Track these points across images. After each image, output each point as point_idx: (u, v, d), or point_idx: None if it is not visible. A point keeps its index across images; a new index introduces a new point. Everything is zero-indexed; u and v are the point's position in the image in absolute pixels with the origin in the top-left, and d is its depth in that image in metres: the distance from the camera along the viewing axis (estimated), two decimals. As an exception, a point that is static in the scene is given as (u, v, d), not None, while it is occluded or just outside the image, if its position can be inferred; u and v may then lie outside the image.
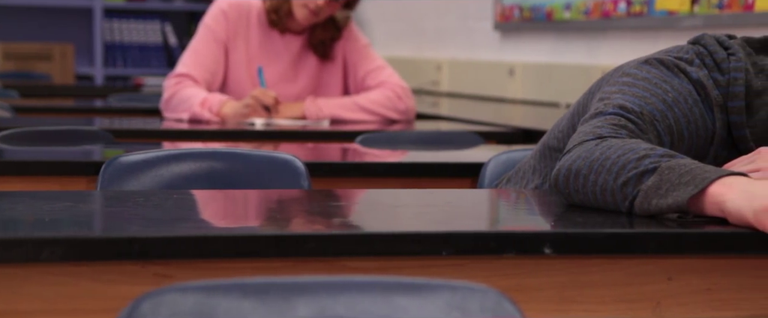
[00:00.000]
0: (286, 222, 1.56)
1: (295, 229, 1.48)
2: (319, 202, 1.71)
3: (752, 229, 1.49)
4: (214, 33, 3.56)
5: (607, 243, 1.50)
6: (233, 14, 3.57)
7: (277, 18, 3.58)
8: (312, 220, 1.56)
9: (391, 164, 2.47)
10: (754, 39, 1.92)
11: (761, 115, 1.85)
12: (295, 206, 1.69)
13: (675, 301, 1.54)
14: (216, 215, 1.53)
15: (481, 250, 1.45)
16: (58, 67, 7.28)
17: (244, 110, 3.38)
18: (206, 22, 3.59)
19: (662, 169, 1.58)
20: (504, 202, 1.80)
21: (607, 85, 1.91)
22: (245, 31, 3.59)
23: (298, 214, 1.62)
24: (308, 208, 1.67)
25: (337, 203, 1.69)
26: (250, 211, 1.63)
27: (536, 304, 1.50)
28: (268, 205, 1.69)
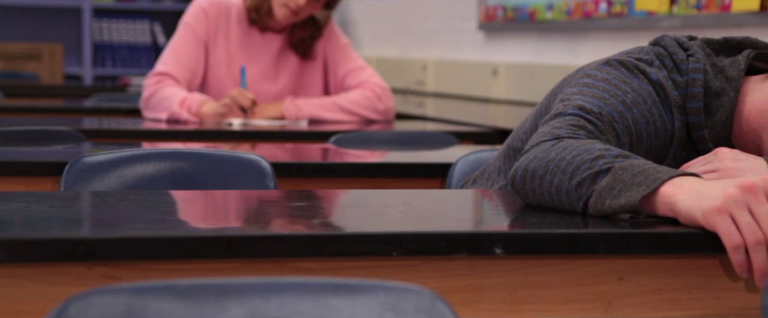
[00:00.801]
0: (239, 223, 1.57)
1: (246, 230, 1.49)
2: (278, 203, 1.72)
3: (702, 229, 1.50)
4: (194, 31, 3.56)
5: (558, 243, 1.50)
6: (213, 12, 3.58)
7: (258, 16, 3.59)
8: (265, 221, 1.57)
9: (358, 164, 2.48)
10: (713, 40, 1.93)
11: (720, 116, 1.86)
12: (251, 207, 1.70)
13: (626, 301, 1.55)
14: (169, 216, 1.54)
15: (432, 251, 1.46)
16: (47, 67, 7.29)
17: (221, 110, 3.39)
18: (186, 21, 3.60)
19: (616, 170, 1.59)
20: (462, 202, 1.81)
21: (569, 86, 1.92)
22: (225, 30, 3.60)
23: (253, 214, 1.63)
24: (265, 208, 1.68)
25: (296, 204, 1.70)
26: (206, 211, 1.64)
27: (489, 304, 1.51)
28: (225, 206, 1.70)
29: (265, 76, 3.65)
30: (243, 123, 3.38)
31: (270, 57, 3.65)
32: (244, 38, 3.62)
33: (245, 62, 3.61)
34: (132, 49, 7.68)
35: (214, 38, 3.58)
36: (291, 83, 3.67)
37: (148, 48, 7.69)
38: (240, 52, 3.61)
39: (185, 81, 3.50)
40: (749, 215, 1.47)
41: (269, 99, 3.63)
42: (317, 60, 3.70)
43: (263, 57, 3.65)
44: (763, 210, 1.47)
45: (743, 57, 1.89)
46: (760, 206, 1.47)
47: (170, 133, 3.15)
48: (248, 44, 3.63)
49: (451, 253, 1.46)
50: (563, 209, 1.65)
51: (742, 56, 1.90)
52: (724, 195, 1.49)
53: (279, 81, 3.67)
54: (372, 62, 6.34)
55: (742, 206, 1.48)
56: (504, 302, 1.52)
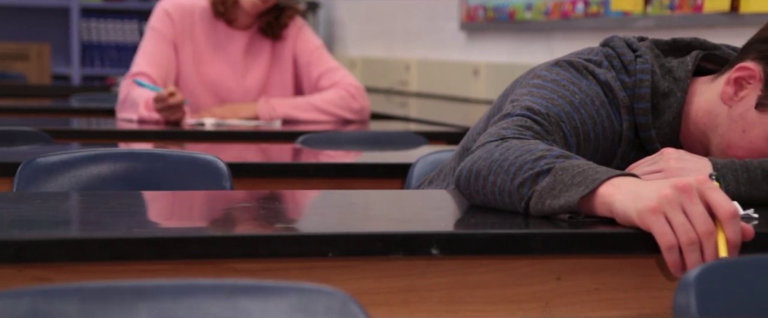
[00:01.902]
0: (176, 224, 1.58)
1: (180, 231, 1.50)
2: (223, 204, 1.73)
3: (638, 229, 1.51)
4: (161, 33, 3.57)
5: (495, 243, 1.52)
6: (177, 15, 3.58)
7: (224, 9, 3.59)
8: (203, 222, 1.58)
9: (319, 165, 2.49)
10: (662, 41, 1.94)
11: (667, 117, 1.87)
12: (195, 208, 1.71)
13: (564, 300, 1.56)
14: (107, 218, 1.54)
15: (368, 252, 1.47)
16: (35, 67, 7.29)
17: (166, 114, 3.36)
18: (152, 25, 3.61)
19: (556, 170, 1.60)
20: (407, 203, 1.82)
21: (520, 86, 1.93)
22: (191, 31, 3.60)
23: (194, 216, 1.64)
24: (209, 209, 1.69)
25: (240, 205, 1.71)
26: (146, 213, 1.65)
27: (427, 305, 1.52)
28: (168, 208, 1.71)
29: (235, 74, 3.65)
30: (215, 123, 3.39)
31: (238, 54, 3.65)
32: (211, 37, 3.62)
33: (214, 60, 3.61)
34: (120, 49, 7.69)
35: (181, 39, 3.59)
36: (260, 80, 3.67)
37: (136, 48, 7.65)
38: (207, 51, 3.62)
39: (161, 79, 3.50)
40: (683, 215, 1.48)
41: (238, 96, 3.63)
42: (286, 58, 3.69)
43: (231, 55, 3.65)
44: (696, 210, 1.48)
45: (691, 58, 1.90)
46: (694, 206, 1.48)
47: (138, 133, 3.16)
48: (215, 43, 3.63)
49: (388, 254, 1.47)
50: (507, 210, 1.66)
51: (690, 57, 1.91)
52: (658, 195, 1.50)
53: (248, 78, 3.67)
54: (357, 62, 6.36)
55: (676, 206, 1.49)
56: (442, 302, 1.53)
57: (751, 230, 1.48)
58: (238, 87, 3.64)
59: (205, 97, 3.61)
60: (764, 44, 1.82)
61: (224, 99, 3.64)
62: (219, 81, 3.60)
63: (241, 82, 3.66)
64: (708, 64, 1.94)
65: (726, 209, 1.48)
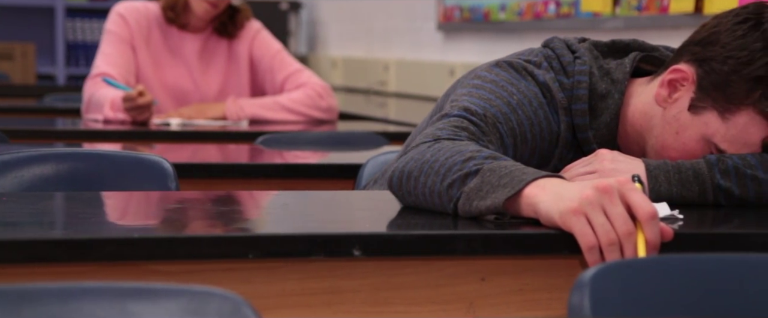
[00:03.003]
0: (99, 225, 1.59)
1: (103, 232, 1.50)
2: (154, 205, 1.73)
3: (561, 230, 1.52)
4: (118, 35, 3.57)
5: (418, 244, 1.52)
6: (132, 18, 3.59)
7: (174, 14, 3.59)
8: (128, 223, 1.58)
9: (270, 165, 2.50)
10: (601, 43, 1.95)
11: (604, 118, 1.88)
12: (124, 209, 1.71)
13: (488, 301, 1.57)
14: (28, 219, 1.55)
15: (290, 253, 1.48)
16: (20, 67, 7.29)
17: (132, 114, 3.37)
18: (108, 28, 3.61)
19: (484, 172, 1.61)
20: (340, 204, 1.83)
21: (461, 87, 1.94)
22: (146, 34, 3.61)
23: (120, 217, 1.65)
24: (138, 211, 1.69)
25: (171, 206, 1.72)
26: (71, 214, 1.65)
27: (350, 306, 1.53)
28: (96, 208, 1.71)
29: (192, 77, 3.66)
30: (181, 123, 3.40)
31: (193, 57, 3.65)
32: (166, 41, 3.63)
33: (170, 63, 3.62)
34: (106, 49, 7.68)
35: (138, 42, 3.59)
36: (217, 83, 3.68)
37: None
38: (164, 55, 3.62)
39: (122, 79, 3.51)
40: (603, 216, 1.49)
41: (196, 99, 3.64)
42: (242, 61, 3.69)
43: (187, 57, 3.65)
44: (616, 211, 1.49)
45: (629, 60, 1.91)
46: (614, 207, 1.49)
47: (100, 133, 3.17)
48: (171, 46, 3.64)
49: (309, 255, 1.48)
50: (437, 211, 1.67)
51: (628, 59, 1.92)
52: (580, 196, 1.51)
53: (205, 80, 3.67)
54: (338, 62, 6.37)
55: (597, 207, 1.50)
56: (365, 303, 1.53)
57: (670, 231, 1.49)
58: (195, 89, 3.65)
59: (164, 100, 3.62)
60: (697, 46, 1.83)
61: (183, 101, 3.64)
62: (176, 84, 3.61)
63: (198, 85, 3.66)
64: (647, 65, 1.95)
65: (645, 210, 1.49)
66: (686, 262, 1.28)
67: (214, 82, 3.68)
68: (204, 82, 3.67)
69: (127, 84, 3.51)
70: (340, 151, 2.90)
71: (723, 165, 1.76)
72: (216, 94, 3.68)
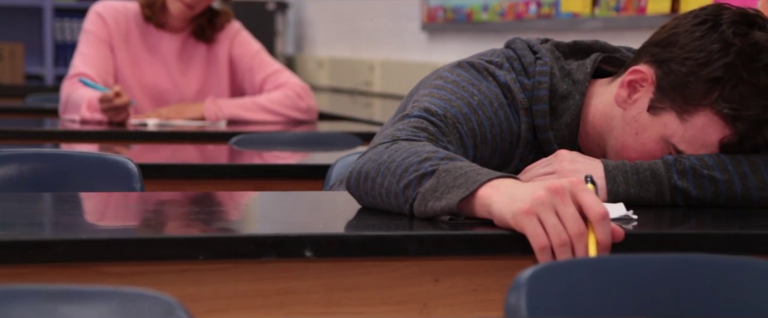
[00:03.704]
0: (49, 226, 1.58)
1: (52, 234, 1.50)
2: (111, 206, 1.73)
3: (514, 230, 1.52)
4: (96, 35, 3.57)
5: (370, 245, 1.52)
6: (110, 17, 3.59)
7: (152, 13, 3.59)
8: (79, 224, 1.58)
9: (237, 166, 2.50)
10: (563, 44, 1.95)
11: (565, 119, 1.88)
12: (79, 210, 1.71)
13: (442, 302, 1.57)
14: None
15: (240, 254, 1.48)
16: (8, 67, 7.29)
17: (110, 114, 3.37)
18: (86, 28, 3.61)
19: (439, 172, 1.61)
20: (298, 204, 1.83)
21: (423, 87, 1.94)
22: (125, 33, 3.60)
23: (73, 218, 1.64)
24: (92, 212, 1.69)
25: (128, 207, 1.71)
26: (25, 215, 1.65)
27: (303, 307, 1.53)
28: (48, 209, 1.71)
29: (171, 77, 3.65)
30: (158, 124, 3.40)
31: (172, 57, 3.65)
32: (145, 40, 3.63)
33: (148, 64, 3.62)
34: (94, 49, 7.67)
35: (116, 42, 3.59)
36: (196, 83, 3.68)
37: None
38: (142, 54, 3.62)
39: (100, 79, 3.51)
40: (555, 217, 1.49)
41: (175, 99, 3.64)
42: (221, 61, 3.69)
43: (166, 58, 3.65)
44: (568, 211, 1.49)
45: (590, 60, 1.92)
46: (566, 208, 1.50)
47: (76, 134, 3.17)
48: (150, 46, 3.63)
49: (260, 256, 1.48)
50: (393, 211, 1.67)
51: (589, 60, 1.92)
52: (532, 197, 1.51)
53: (183, 81, 3.67)
54: (324, 63, 6.36)
55: (549, 208, 1.50)
56: (318, 305, 1.53)
57: (621, 232, 1.49)
58: (174, 89, 3.64)
59: (143, 100, 3.61)
60: (656, 48, 1.83)
61: (161, 102, 3.64)
62: (155, 84, 3.60)
63: (176, 85, 3.66)
64: (608, 66, 1.95)
65: (596, 211, 1.49)
66: (624, 263, 1.28)
67: (194, 83, 3.67)
68: (183, 83, 3.67)
69: (105, 84, 3.51)
70: (313, 151, 2.90)
71: (680, 166, 1.76)
72: (195, 94, 3.68)
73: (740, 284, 1.25)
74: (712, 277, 1.25)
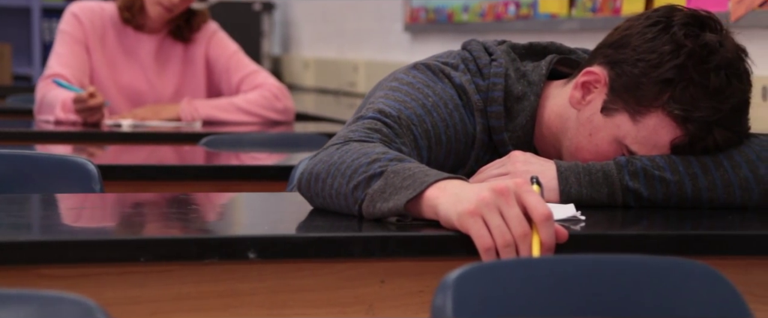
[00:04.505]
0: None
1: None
2: (60, 208, 1.73)
3: (459, 231, 1.52)
4: (72, 36, 3.57)
5: (314, 247, 1.52)
6: (86, 18, 3.58)
7: (130, 15, 3.59)
8: (23, 226, 1.57)
9: (200, 167, 2.50)
10: (519, 45, 1.95)
11: (520, 120, 1.88)
12: (26, 212, 1.71)
13: (387, 303, 1.56)
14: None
15: (182, 256, 1.48)
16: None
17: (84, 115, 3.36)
18: (62, 29, 3.60)
19: (388, 173, 1.61)
20: (250, 206, 1.83)
21: (379, 89, 1.94)
22: (101, 34, 3.60)
23: (17, 219, 1.64)
24: (41, 213, 1.69)
25: (77, 208, 1.71)
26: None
27: (247, 309, 1.52)
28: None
29: (147, 78, 3.65)
30: (133, 125, 3.39)
31: (149, 58, 3.65)
32: (122, 41, 3.62)
33: (125, 64, 3.61)
34: (82, 50, 7.67)
35: (93, 43, 3.59)
36: (173, 84, 3.67)
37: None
38: (119, 55, 3.62)
39: (75, 80, 3.50)
40: (500, 218, 1.49)
41: (152, 100, 3.63)
42: (198, 62, 3.69)
43: (143, 59, 3.65)
44: (512, 212, 1.49)
45: (546, 62, 1.92)
46: (510, 209, 1.50)
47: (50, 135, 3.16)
48: (126, 47, 3.63)
49: (203, 258, 1.48)
50: (343, 213, 1.67)
51: (544, 61, 1.92)
52: (477, 198, 1.51)
53: (160, 82, 3.67)
54: (310, 63, 6.36)
55: (493, 209, 1.50)
56: (263, 306, 1.53)
57: (565, 232, 1.50)
58: (150, 90, 3.64)
59: (119, 101, 3.61)
60: (609, 49, 1.83)
61: (137, 102, 3.64)
62: (132, 85, 3.60)
63: (153, 86, 3.66)
64: (564, 68, 1.95)
65: (540, 212, 1.49)
66: (552, 264, 1.28)
67: (170, 84, 3.67)
68: (159, 84, 3.66)
69: (81, 85, 3.51)
70: (284, 152, 2.90)
71: (632, 167, 1.76)
72: (172, 95, 3.67)
73: (669, 285, 1.24)
74: (641, 278, 1.25)
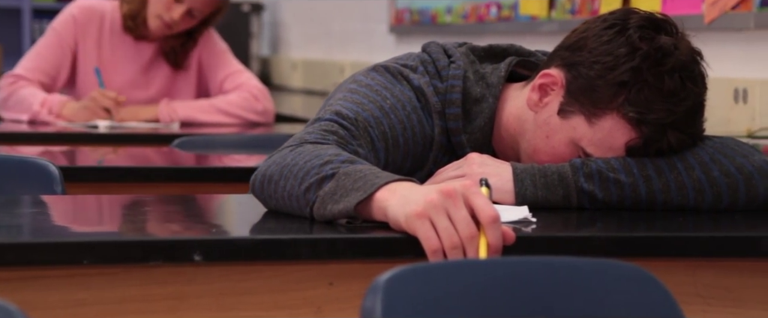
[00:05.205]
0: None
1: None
2: (14, 209, 1.72)
3: (408, 233, 1.51)
4: (60, 37, 3.57)
5: (261, 249, 1.51)
6: (83, 19, 3.58)
7: (134, 25, 3.59)
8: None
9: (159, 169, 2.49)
10: (479, 47, 1.94)
11: (479, 122, 1.87)
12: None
13: (336, 306, 1.56)
14: None
15: (126, 259, 1.47)
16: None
17: (83, 112, 3.38)
18: (54, 26, 3.61)
19: (339, 175, 1.61)
20: (203, 208, 1.82)
21: (339, 91, 1.93)
22: (97, 36, 3.60)
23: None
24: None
25: (28, 210, 1.70)
26: None
27: (195, 312, 1.52)
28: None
29: (136, 84, 3.65)
30: (109, 125, 3.38)
31: (141, 64, 3.65)
32: (117, 45, 3.62)
33: (116, 69, 3.61)
34: (73, 51, 7.66)
35: (84, 44, 3.58)
36: (162, 91, 3.67)
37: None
38: (111, 59, 3.61)
39: (41, 85, 3.50)
40: (447, 220, 1.49)
41: (143, 103, 3.62)
42: (191, 69, 3.69)
43: (135, 64, 3.64)
44: (460, 215, 1.49)
45: (505, 64, 1.91)
46: (458, 211, 1.49)
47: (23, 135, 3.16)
48: (120, 51, 3.63)
49: (147, 261, 1.47)
50: (296, 215, 1.66)
51: (504, 63, 1.91)
52: (425, 200, 1.51)
53: (150, 89, 3.67)
54: (298, 64, 6.36)
55: (441, 211, 1.49)
56: (210, 309, 1.52)
57: (512, 234, 1.49)
58: (140, 97, 3.63)
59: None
60: (566, 51, 1.83)
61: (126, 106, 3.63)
62: (122, 89, 3.59)
63: (146, 90, 3.66)
64: (523, 70, 1.94)
65: (487, 214, 1.48)
66: (482, 266, 1.28)
67: (159, 90, 3.66)
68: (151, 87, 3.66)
69: (49, 89, 3.51)
70: (255, 154, 2.89)
71: (587, 169, 1.76)
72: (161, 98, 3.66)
73: (600, 287, 1.24)
74: (571, 280, 1.24)
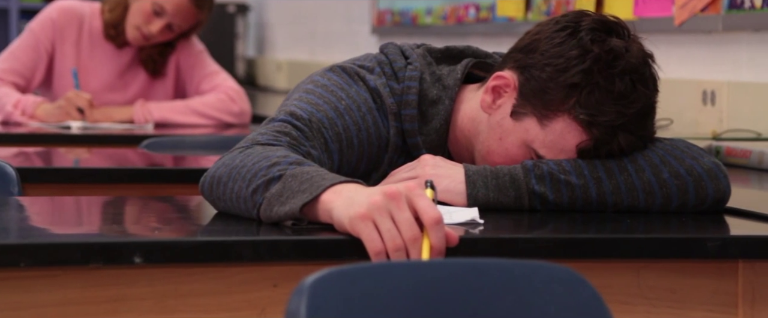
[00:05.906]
0: None
1: None
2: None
3: (352, 235, 1.50)
4: (36, 39, 3.56)
5: (202, 251, 1.50)
6: (62, 21, 3.57)
7: (115, 33, 3.59)
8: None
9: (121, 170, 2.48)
10: (436, 49, 1.94)
11: (435, 124, 1.87)
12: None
13: (281, 308, 1.53)
14: None
15: (65, 261, 1.45)
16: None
17: (57, 112, 3.37)
18: (32, 27, 3.60)
19: (286, 177, 1.60)
20: (148, 209, 1.81)
21: (296, 91, 1.92)
22: (76, 38, 3.59)
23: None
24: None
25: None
26: None
27: (136, 314, 1.50)
28: None
29: (113, 87, 3.64)
30: (82, 126, 3.37)
31: (119, 68, 3.64)
32: (95, 48, 3.61)
33: (93, 71, 3.60)
34: (60, 52, 7.65)
35: (61, 46, 3.57)
36: (139, 95, 3.66)
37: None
38: (89, 62, 3.61)
39: (16, 87, 3.49)
40: (390, 221, 1.48)
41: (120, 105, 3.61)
42: (168, 73, 3.69)
43: (112, 68, 3.64)
44: (403, 216, 1.48)
45: (461, 66, 1.90)
46: (401, 213, 1.48)
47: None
48: (99, 55, 3.62)
49: (88, 263, 1.46)
50: (244, 217, 1.65)
51: (460, 65, 1.90)
52: (368, 202, 1.50)
53: (127, 92, 3.66)
54: (283, 65, 6.34)
55: (384, 213, 1.48)
56: (151, 312, 1.51)
57: (455, 236, 1.48)
58: (116, 100, 3.62)
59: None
60: (520, 53, 1.82)
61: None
62: (98, 92, 3.58)
63: (123, 93, 3.65)
64: (480, 72, 1.93)
65: (430, 216, 1.47)
66: (410, 268, 1.27)
67: (137, 93, 3.66)
68: (125, 93, 3.65)
69: (22, 91, 3.50)
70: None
71: (538, 170, 1.75)
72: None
73: (530, 288, 1.23)
74: (501, 282, 1.23)
